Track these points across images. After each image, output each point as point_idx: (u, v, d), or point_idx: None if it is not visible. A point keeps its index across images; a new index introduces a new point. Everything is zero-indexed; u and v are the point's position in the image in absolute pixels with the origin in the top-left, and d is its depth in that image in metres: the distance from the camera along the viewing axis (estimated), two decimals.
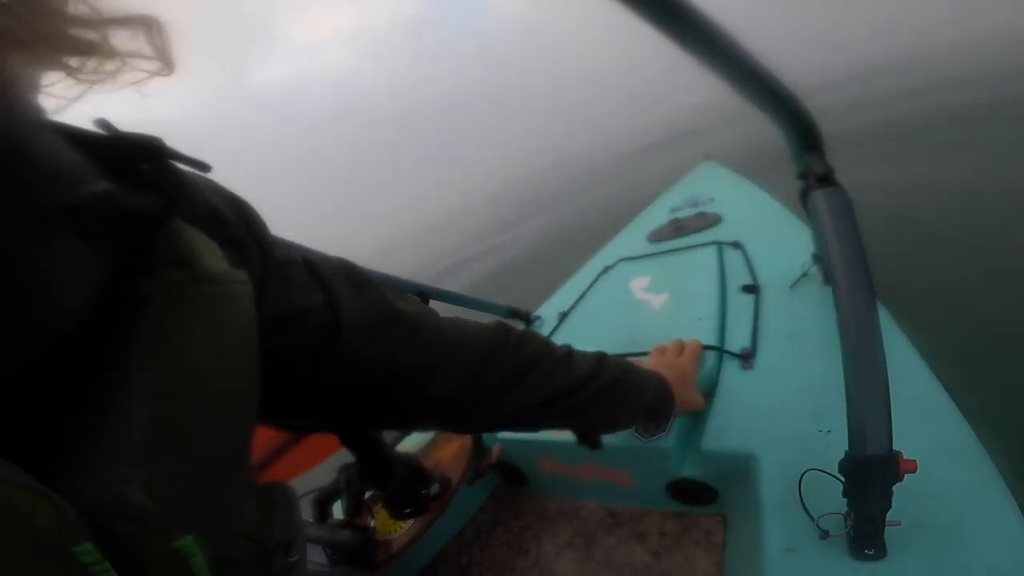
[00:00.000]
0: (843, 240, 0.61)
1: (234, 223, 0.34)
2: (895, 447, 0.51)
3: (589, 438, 0.73)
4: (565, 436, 0.91)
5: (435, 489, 0.94)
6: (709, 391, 0.94)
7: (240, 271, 0.30)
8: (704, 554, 0.77)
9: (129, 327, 0.24)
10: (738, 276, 1.21)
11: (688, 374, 0.83)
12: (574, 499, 0.98)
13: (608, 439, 0.86)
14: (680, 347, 0.93)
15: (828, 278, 1.03)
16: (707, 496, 0.81)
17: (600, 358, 0.62)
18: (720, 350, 0.96)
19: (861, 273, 0.58)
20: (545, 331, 1.42)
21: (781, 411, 0.78)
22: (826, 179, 0.66)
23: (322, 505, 0.98)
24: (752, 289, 1.14)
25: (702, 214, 1.75)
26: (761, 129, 0.73)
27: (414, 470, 0.92)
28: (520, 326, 1.51)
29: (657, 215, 1.95)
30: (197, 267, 0.28)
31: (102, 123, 0.26)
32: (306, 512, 0.99)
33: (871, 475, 0.52)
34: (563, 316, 1.43)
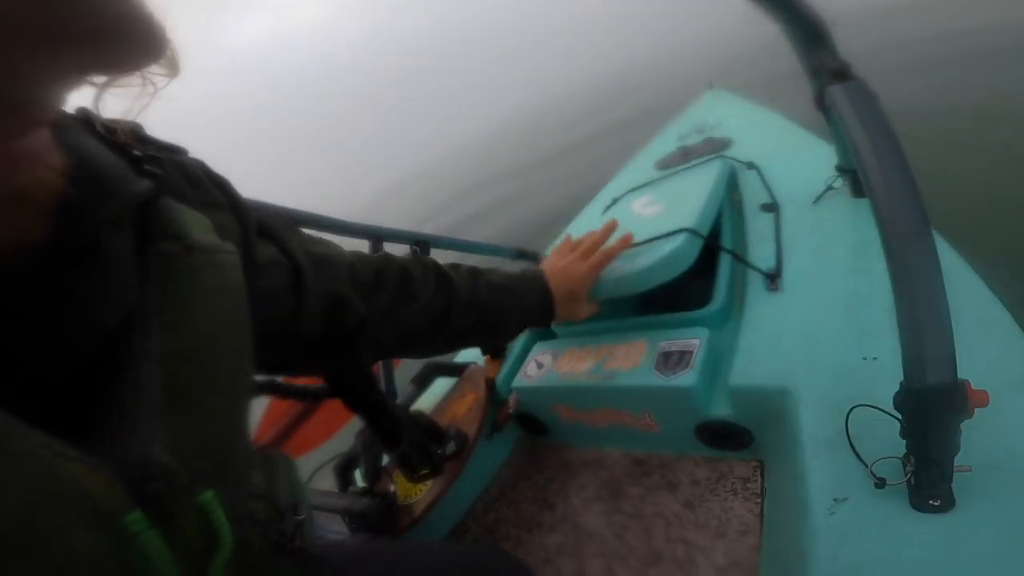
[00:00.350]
0: (875, 137, 0.51)
1: (210, 188, 0.38)
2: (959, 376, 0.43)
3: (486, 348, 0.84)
4: (576, 380, 0.85)
5: (451, 447, 0.90)
6: (731, 315, 0.86)
7: (227, 243, 0.32)
8: (742, 503, 0.71)
9: (133, 300, 0.26)
10: (756, 196, 1.10)
11: (576, 288, 0.84)
12: (597, 448, 0.93)
13: (623, 378, 0.79)
14: (590, 249, 0.89)
15: (856, 190, 0.93)
16: (741, 439, 0.74)
17: (474, 271, 0.72)
18: (736, 257, 0.88)
19: (901, 172, 0.48)
20: None
21: (817, 337, 0.69)
22: (843, 73, 0.56)
23: (344, 472, 0.96)
24: (771, 208, 1.03)
25: (711, 139, 1.61)
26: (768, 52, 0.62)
27: (427, 428, 0.88)
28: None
29: (664, 144, 1.81)
30: (187, 239, 0.29)
31: (83, 111, 0.29)
32: (329, 481, 0.96)
33: (934, 410, 0.44)
34: None
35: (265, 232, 0.45)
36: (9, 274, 0.22)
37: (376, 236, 1.03)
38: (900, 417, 0.47)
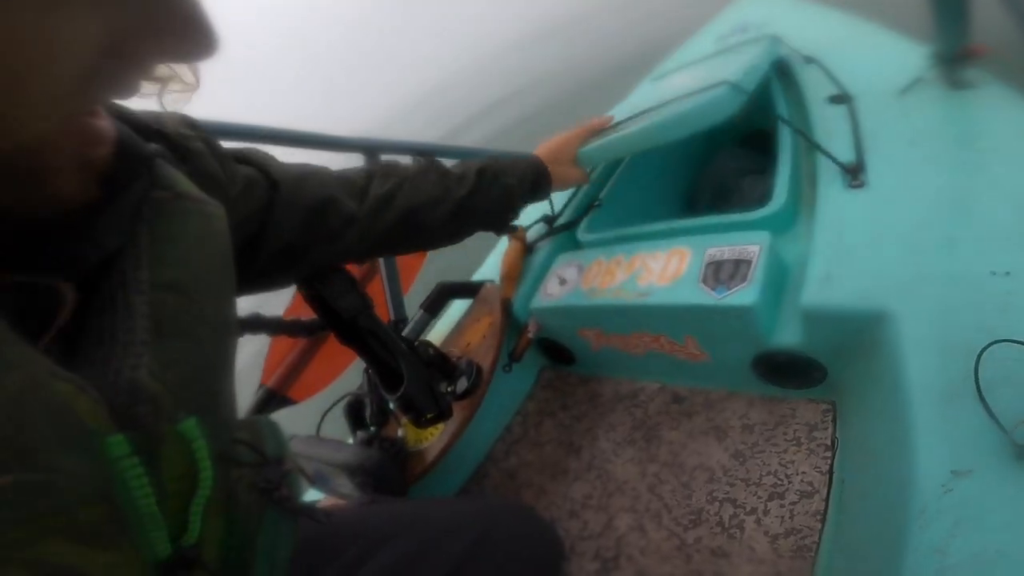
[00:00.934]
0: None
1: (190, 137, 0.41)
2: None
3: (495, 227, 0.77)
4: (605, 299, 0.71)
5: (463, 384, 0.79)
6: (798, 216, 0.69)
7: (215, 199, 0.35)
8: (805, 457, 0.58)
9: (128, 239, 0.28)
10: (820, 91, 0.86)
11: (558, 149, 0.82)
12: (632, 379, 0.80)
13: (660, 295, 0.65)
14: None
15: (955, 80, 0.71)
16: (811, 375, 0.60)
17: (462, 162, 0.72)
18: (803, 136, 0.71)
19: None
20: None
21: (922, 244, 0.52)
22: None
23: (354, 414, 0.87)
24: (842, 99, 0.81)
25: (757, 38, 1.30)
26: None
27: (435, 362, 0.77)
28: None
29: (699, 47, 1.45)
30: (176, 188, 0.33)
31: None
32: (340, 425, 0.88)
33: None
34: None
35: (241, 159, 0.49)
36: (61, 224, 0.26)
37: (370, 149, 0.89)
38: None
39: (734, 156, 1.07)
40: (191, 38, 0.24)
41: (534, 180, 0.77)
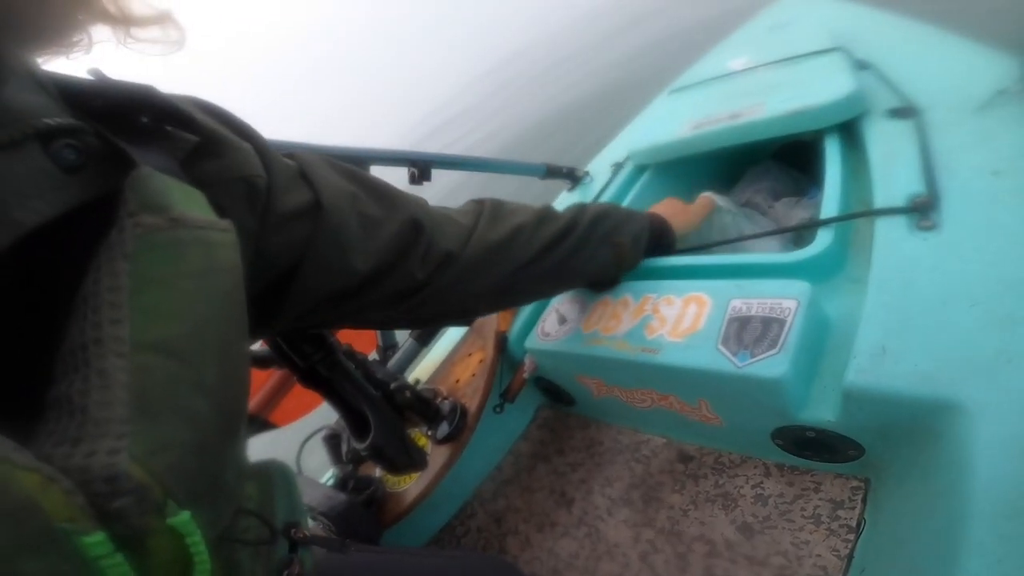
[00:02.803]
0: None
1: (226, 133, 0.34)
2: None
3: (595, 285, 0.70)
4: (608, 349, 0.62)
5: (444, 429, 0.73)
6: (846, 262, 0.60)
7: (224, 220, 0.28)
8: (824, 537, 0.49)
9: (102, 279, 0.22)
10: (877, 103, 0.74)
11: (678, 211, 0.76)
12: (635, 430, 0.72)
13: (671, 353, 0.56)
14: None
15: None
16: (843, 451, 0.50)
17: (579, 206, 0.61)
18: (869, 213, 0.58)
19: None
20: (595, 188, 1.08)
21: (1012, 310, 0.41)
22: None
23: (333, 447, 0.81)
24: (907, 113, 0.69)
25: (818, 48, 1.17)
26: None
27: (413, 406, 0.70)
28: (566, 187, 1.20)
29: (736, 48, 1.32)
30: (171, 210, 0.25)
31: (95, 72, 0.28)
32: (320, 455, 0.82)
33: None
34: (618, 167, 1.07)
35: (306, 176, 0.39)
36: None
37: (359, 160, 0.82)
38: None
39: (767, 173, 0.95)
40: None
41: (656, 234, 0.69)
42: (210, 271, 0.26)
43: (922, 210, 0.53)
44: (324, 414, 0.85)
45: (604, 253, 0.62)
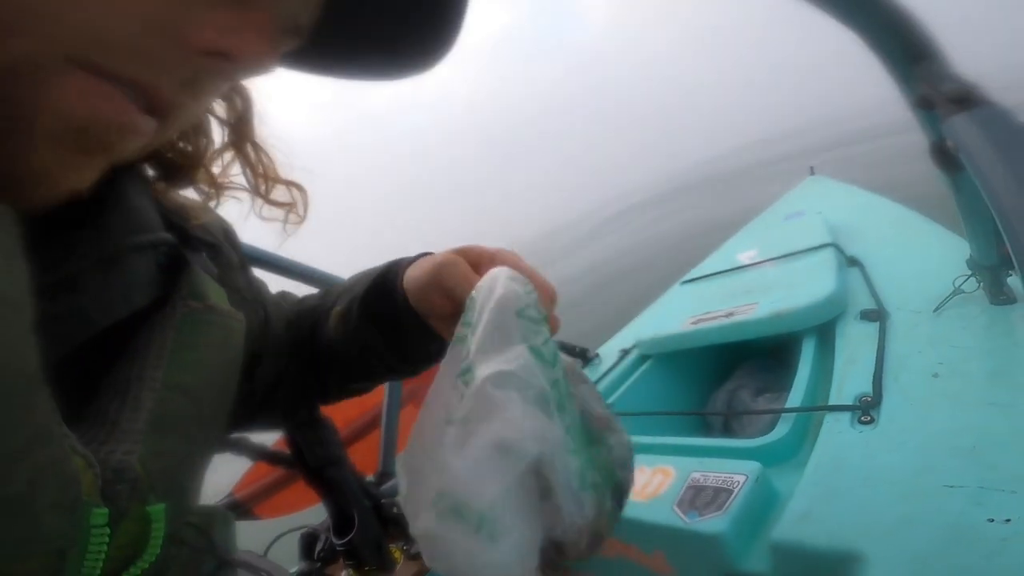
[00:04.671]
0: None
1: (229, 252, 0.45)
2: None
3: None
4: None
5: (417, 547, 0.74)
6: (798, 449, 0.66)
7: (239, 312, 0.38)
8: None
9: (154, 336, 0.31)
10: (856, 301, 0.87)
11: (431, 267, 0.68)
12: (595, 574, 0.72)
13: (633, 509, 0.61)
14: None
15: (996, 294, 0.69)
16: None
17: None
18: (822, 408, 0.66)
19: None
20: (601, 370, 1.15)
21: (917, 488, 0.48)
22: (967, 98, 0.38)
23: (307, 544, 0.82)
24: (875, 315, 0.80)
25: (820, 245, 1.36)
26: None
27: (395, 521, 0.73)
28: (577, 364, 1.27)
29: (749, 238, 1.54)
30: (208, 299, 0.35)
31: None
32: (285, 553, 0.83)
33: None
34: (624, 353, 1.16)
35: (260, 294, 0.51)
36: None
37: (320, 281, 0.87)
38: None
39: (752, 373, 1.03)
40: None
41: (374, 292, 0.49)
42: (224, 345, 0.35)
43: (864, 408, 0.62)
44: (302, 519, 0.87)
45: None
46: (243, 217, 0.42)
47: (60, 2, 0.20)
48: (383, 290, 0.45)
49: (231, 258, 0.45)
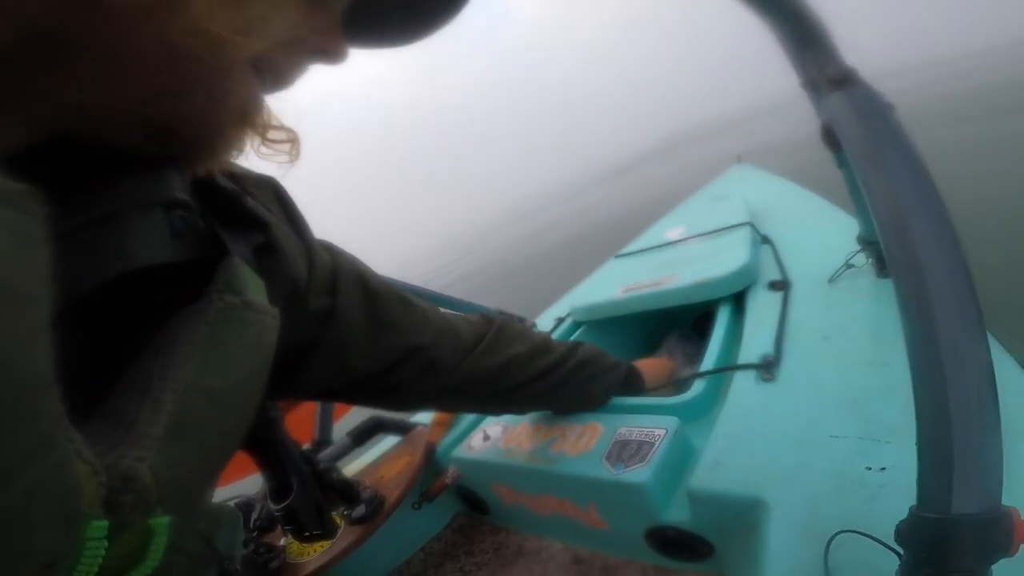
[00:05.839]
0: (892, 160, 0.37)
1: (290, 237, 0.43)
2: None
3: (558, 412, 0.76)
4: (517, 460, 0.71)
5: (360, 511, 0.75)
6: (712, 406, 0.72)
7: (275, 307, 0.34)
8: None
9: (183, 331, 0.28)
10: (766, 273, 0.96)
11: (658, 366, 0.86)
12: (538, 536, 0.77)
13: (566, 465, 0.66)
14: None
15: (881, 268, 0.78)
16: (699, 550, 0.58)
17: (573, 344, 0.72)
18: (731, 368, 0.73)
19: (933, 212, 0.35)
20: None
21: (811, 438, 0.54)
22: (845, 79, 0.43)
23: (244, 511, 0.81)
24: (780, 286, 0.89)
25: (739, 224, 1.48)
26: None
27: (334, 486, 0.74)
28: None
29: (679, 218, 1.66)
30: (245, 294, 0.32)
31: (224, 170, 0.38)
32: None
33: (956, 547, 0.29)
34: (559, 321, 1.22)
35: (335, 281, 0.48)
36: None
37: None
38: (901, 553, 0.32)
39: (683, 339, 1.10)
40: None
41: (627, 384, 0.77)
42: (258, 345, 0.32)
43: (767, 366, 0.68)
44: (237, 489, 0.86)
45: (578, 395, 0.72)
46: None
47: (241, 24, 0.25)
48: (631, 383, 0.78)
49: (287, 242, 0.41)
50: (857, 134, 0.39)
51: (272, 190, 0.43)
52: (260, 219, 0.38)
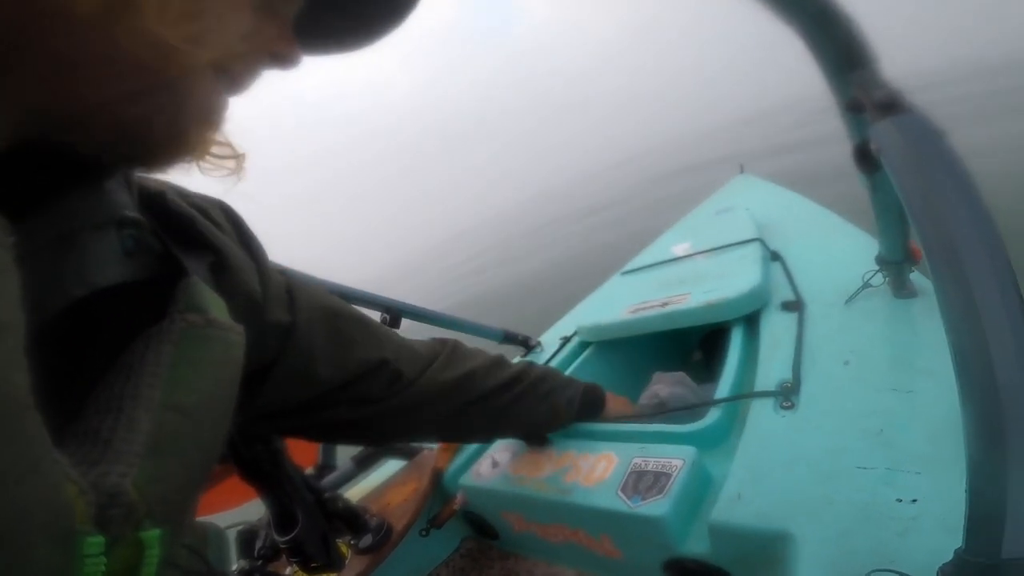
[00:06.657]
0: (946, 190, 0.35)
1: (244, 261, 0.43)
2: None
3: (529, 436, 0.78)
4: (528, 489, 0.70)
5: (367, 540, 0.74)
6: (729, 434, 0.70)
7: (239, 324, 0.35)
8: None
9: (149, 352, 0.29)
10: (778, 292, 0.93)
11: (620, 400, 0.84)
12: (550, 563, 0.75)
13: (580, 495, 0.64)
14: None
15: (899, 288, 0.76)
16: None
17: (526, 363, 0.73)
18: (748, 395, 0.70)
19: (986, 240, 0.33)
20: (544, 357, 1.19)
21: (836, 469, 0.52)
22: (892, 104, 0.41)
23: (246, 542, 0.80)
24: (794, 306, 0.86)
25: (747, 240, 1.45)
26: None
27: (341, 515, 0.72)
28: (519, 352, 1.29)
29: (683, 232, 1.62)
30: (208, 313, 0.32)
31: (174, 190, 0.39)
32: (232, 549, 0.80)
33: None
34: (565, 340, 1.19)
35: (292, 296, 0.49)
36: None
37: (343, 295, 0.90)
38: None
39: (676, 383, 1.07)
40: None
41: (587, 402, 0.77)
42: (225, 362, 0.33)
43: (785, 393, 0.66)
44: (236, 516, 0.84)
45: (543, 408, 0.72)
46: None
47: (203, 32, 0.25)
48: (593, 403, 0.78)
49: (237, 260, 0.41)
50: (910, 166, 0.38)
51: (222, 210, 0.43)
52: (209, 239, 0.39)
